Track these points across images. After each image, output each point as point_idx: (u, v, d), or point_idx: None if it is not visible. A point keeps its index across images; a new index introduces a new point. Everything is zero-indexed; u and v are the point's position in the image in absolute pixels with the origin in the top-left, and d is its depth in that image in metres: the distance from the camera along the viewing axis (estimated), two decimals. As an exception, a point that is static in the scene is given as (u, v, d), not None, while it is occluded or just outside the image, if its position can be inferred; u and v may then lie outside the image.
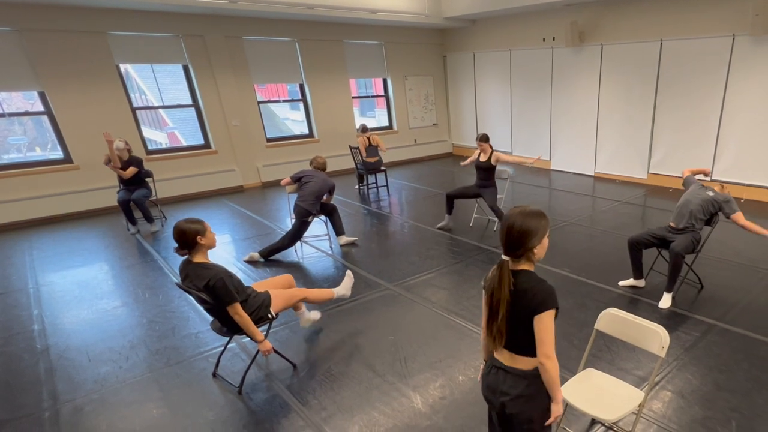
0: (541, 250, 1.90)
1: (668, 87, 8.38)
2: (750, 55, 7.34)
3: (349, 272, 4.34)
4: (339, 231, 6.16)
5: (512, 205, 7.42)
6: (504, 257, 1.90)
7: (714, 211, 4.41)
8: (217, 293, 3.07)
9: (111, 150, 6.43)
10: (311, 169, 5.99)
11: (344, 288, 4.20)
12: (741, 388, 3.24)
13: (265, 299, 3.44)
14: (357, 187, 9.41)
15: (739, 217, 4.29)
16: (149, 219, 7.00)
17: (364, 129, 9.03)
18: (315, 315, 4.13)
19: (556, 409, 1.97)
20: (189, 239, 3.07)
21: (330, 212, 6.09)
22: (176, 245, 3.10)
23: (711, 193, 4.41)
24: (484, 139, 6.24)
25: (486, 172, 6.29)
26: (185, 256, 3.18)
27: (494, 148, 6.27)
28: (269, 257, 5.78)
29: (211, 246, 3.20)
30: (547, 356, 1.85)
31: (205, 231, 3.13)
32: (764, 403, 3.07)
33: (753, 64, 7.34)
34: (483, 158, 6.26)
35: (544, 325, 1.83)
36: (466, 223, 6.86)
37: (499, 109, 11.54)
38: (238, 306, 3.16)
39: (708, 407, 3.05)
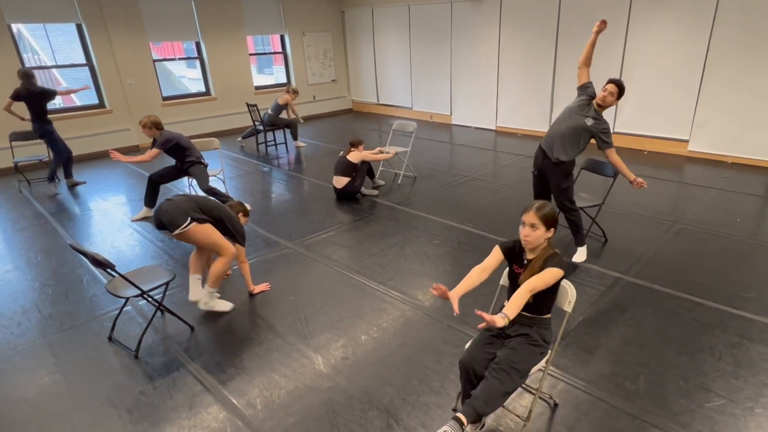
0: None
1: (568, 40, 8.46)
2: (649, 6, 7.42)
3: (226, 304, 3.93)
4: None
5: (415, 160, 7.76)
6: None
7: (587, 141, 4.12)
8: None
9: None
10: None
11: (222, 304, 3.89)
12: (648, 342, 3.22)
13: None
14: (239, 140, 9.77)
15: (611, 152, 4.05)
16: (59, 176, 7.27)
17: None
18: (225, 305, 3.86)
19: None
20: None
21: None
22: None
23: (590, 122, 4.04)
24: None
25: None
26: None
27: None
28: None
29: None
30: None
31: None
32: (672, 357, 3.06)
33: (652, 15, 7.42)
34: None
35: None
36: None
37: (398, 65, 11.70)
38: None
39: (615, 362, 3.03)
